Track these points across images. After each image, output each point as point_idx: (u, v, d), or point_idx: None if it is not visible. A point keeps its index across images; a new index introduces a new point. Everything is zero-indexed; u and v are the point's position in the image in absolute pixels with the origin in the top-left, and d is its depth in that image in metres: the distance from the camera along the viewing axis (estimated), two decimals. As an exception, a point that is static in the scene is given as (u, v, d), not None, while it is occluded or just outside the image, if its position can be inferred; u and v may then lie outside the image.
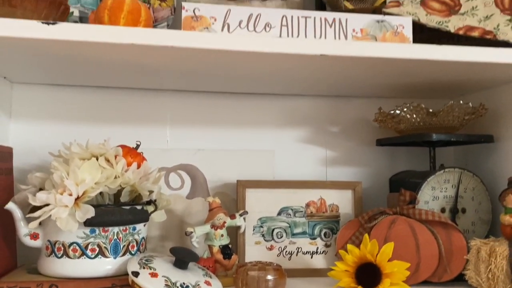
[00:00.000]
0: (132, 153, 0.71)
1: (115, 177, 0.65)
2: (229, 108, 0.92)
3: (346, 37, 0.68)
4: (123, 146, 0.71)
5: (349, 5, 0.82)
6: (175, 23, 0.86)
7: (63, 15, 0.64)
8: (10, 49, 0.61)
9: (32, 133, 0.83)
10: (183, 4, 0.64)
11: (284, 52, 0.62)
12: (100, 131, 0.85)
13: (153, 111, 0.89)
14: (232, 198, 0.87)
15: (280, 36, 0.66)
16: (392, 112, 0.82)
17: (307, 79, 0.80)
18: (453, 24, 0.72)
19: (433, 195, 0.79)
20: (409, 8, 0.74)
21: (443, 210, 0.80)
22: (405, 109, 0.80)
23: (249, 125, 0.92)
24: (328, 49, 0.63)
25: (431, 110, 0.78)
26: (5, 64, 0.71)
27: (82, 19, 0.79)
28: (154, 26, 0.84)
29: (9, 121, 0.82)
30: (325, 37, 0.67)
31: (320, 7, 0.90)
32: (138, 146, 0.74)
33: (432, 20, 0.72)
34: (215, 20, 0.65)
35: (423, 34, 0.76)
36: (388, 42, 0.68)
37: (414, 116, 0.79)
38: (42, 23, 0.55)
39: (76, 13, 0.79)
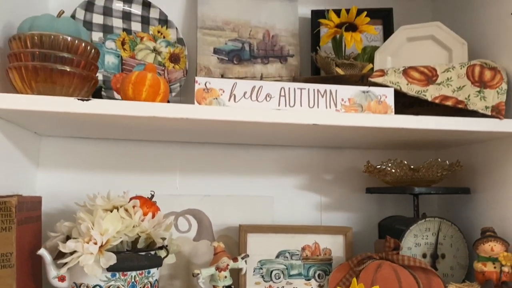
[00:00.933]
0: (148, 204, 0.80)
1: (133, 226, 0.74)
2: (232, 158, 1.02)
3: (336, 105, 0.78)
4: (139, 197, 0.81)
5: (340, 71, 0.93)
6: (186, 83, 0.97)
7: (94, 86, 0.74)
8: (48, 118, 0.72)
9: (57, 181, 0.93)
10: (196, 78, 0.75)
11: (281, 122, 0.72)
12: (118, 178, 0.95)
13: (165, 161, 0.99)
14: (235, 241, 0.96)
15: (279, 105, 0.76)
16: (379, 166, 0.92)
17: (303, 137, 0.90)
18: (430, 93, 0.82)
19: (415, 242, 0.88)
20: (392, 77, 0.84)
21: (424, 256, 0.88)
22: (389, 165, 0.89)
23: (250, 173, 1.02)
24: (319, 119, 0.74)
25: (412, 167, 0.88)
26: (39, 124, 0.81)
27: (105, 82, 0.90)
28: (169, 86, 0.95)
29: (37, 171, 0.92)
30: (318, 106, 0.78)
31: (315, 71, 1.01)
32: (152, 196, 0.84)
33: (412, 89, 0.83)
34: (223, 91, 0.75)
35: (406, 97, 0.86)
36: (372, 110, 0.79)
37: (398, 170, 0.89)
38: (78, 99, 0.66)
39: (100, 77, 0.90)
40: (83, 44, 0.70)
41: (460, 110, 0.81)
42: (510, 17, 0.85)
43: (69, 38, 0.68)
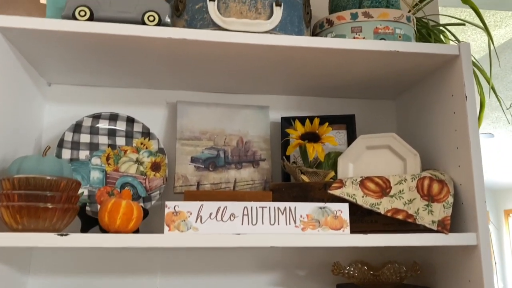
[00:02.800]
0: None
1: None
2: (209, 259, 1.09)
3: (295, 222, 0.86)
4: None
5: (305, 178, 1.02)
6: (166, 190, 1.06)
7: (75, 213, 0.83)
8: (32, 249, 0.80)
9: (47, 286, 1.00)
10: (166, 203, 0.83)
11: (242, 246, 0.80)
12: (103, 282, 1.02)
13: (146, 265, 1.06)
14: None
15: (242, 223, 0.84)
16: (342, 271, 0.98)
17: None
18: (384, 206, 0.89)
19: None
20: (350, 189, 0.92)
21: None
22: (352, 269, 0.95)
23: (227, 273, 1.09)
24: (276, 241, 0.81)
25: (371, 272, 0.94)
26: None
27: (90, 197, 0.99)
28: (149, 194, 1.04)
29: (28, 277, 1.00)
30: (278, 223, 0.85)
31: (285, 174, 1.09)
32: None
33: (367, 202, 0.90)
34: (191, 213, 0.84)
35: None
36: (329, 225, 0.86)
37: (361, 275, 0.95)
38: (57, 235, 0.74)
39: (86, 192, 0.99)
40: (65, 181, 0.79)
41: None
42: (455, 133, 0.93)
43: (51, 178, 0.78)
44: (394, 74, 1.03)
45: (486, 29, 1.04)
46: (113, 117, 1.05)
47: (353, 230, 0.94)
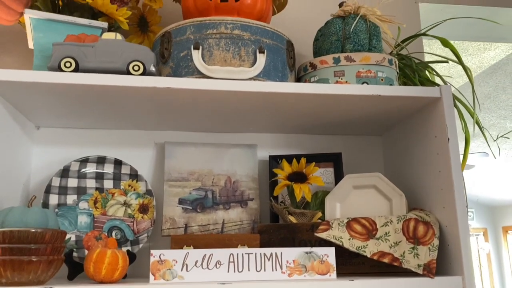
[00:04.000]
0: None
1: None
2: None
3: (281, 267, 0.86)
4: None
5: (293, 219, 1.02)
6: (153, 232, 1.06)
7: (60, 263, 0.83)
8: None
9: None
10: (152, 251, 0.83)
11: (227, 295, 0.80)
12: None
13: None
14: None
15: (228, 271, 0.84)
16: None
17: None
18: (370, 249, 0.90)
19: None
20: (336, 231, 0.92)
21: None
22: (340, 312, 0.95)
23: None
24: (262, 289, 0.81)
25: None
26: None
27: (78, 242, 0.99)
28: (137, 237, 1.04)
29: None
30: (265, 269, 0.85)
31: (273, 215, 1.10)
32: None
33: (353, 245, 0.90)
34: (176, 262, 0.84)
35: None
36: (316, 270, 0.86)
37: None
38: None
39: (73, 237, 0.99)
40: (50, 233, 0.79)
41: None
42: (439, 174, 0.94)
43: (36, 230, 0.78)
44: (378, 114, 1.05)
45: (465, 68, 1.06)
46: (101, 160, 1.06)
47: (340, 273, 0.94)
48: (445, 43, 1.06)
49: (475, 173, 5.89)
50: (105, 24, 0.98)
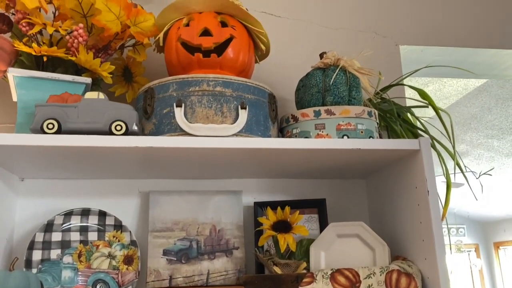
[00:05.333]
0: None
1: None
2: None
3: (265, 325, 0.86)
4: None
5: (278, 270, 1.02)
6: (138, 285, 1.06)
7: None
8: None
9: None
10: (134, 312, 0.83)
11: None
12: None
13: None
14: None
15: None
16: None
17: None
18: (353, 303, 0.90)
19: None
20: (320, 284, 0.93)
21: None
22: None
23: None
24: None
25: None
26: None
27: (61, 299, 0.99)
28: (121, 290, 1.03)
29: None
30: (248, 328, 0.85)
31: (259, 265, 1.10)
32: None
33: (337, 299, 0.91)
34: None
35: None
36: (299, 326, 0.86)
37: None
38: None
39: (56, 294, 0.99)
40: (30, 298, 0.79)
41: (381, 319, 0.89)
42: (420, 225, 0.95)
43: (17, 297, 0.77)
44: (360, 163, 1.06)
45: (441, 120, 1.08)
46: (85, 213, 1.06)
47: (325, 325, 0.94)
48: (423, 95, 1.08)
49: (464, 190, 5.95)
50: (88, 80, 0.99)
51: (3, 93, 1.16)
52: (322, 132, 0.97)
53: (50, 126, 0.86)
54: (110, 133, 0.87)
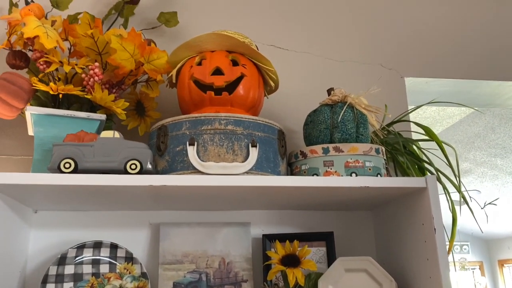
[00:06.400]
0: None
1: None
2: None
3: None
4: None
5: (285, 303, 1.03)
6: (149, 317, 1.07)
7: None
8: None
9: None
10: None
11: None
12: None
13: None
14: None
15: None
16: None
17: None
18: None
19: None
20: (329, 320, 0.94)
21: None
22: None
23: None
24: None
25: None
26: None
27: (73, 332, 1.00)
28: (132, 323, 1.05)
29: None
30: None
31: (266, 297, 1.11)
32: None
33: (345, 336, 0.92)
34: None
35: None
36: None
37: None
38: None
39: (68, 327, 1.00)
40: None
41: None
42: (427, 262, 0.97)
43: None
44: (368, 199, 1.08)
45: (446, 155, 1.10)
46: (97, 245, 1.07)
47: None
48: (429, 133, 1.11)
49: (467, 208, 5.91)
50: (103, 117, 1.01)
51: (19, 126, 1.19)
52: (331, 169, 0.99)
53: (67, 165, 0.88)
54: (125, 171, 0.90)
